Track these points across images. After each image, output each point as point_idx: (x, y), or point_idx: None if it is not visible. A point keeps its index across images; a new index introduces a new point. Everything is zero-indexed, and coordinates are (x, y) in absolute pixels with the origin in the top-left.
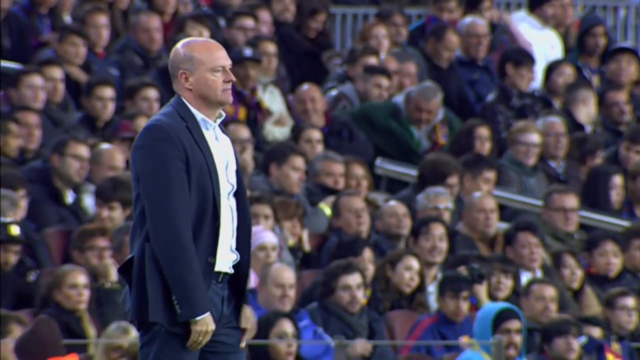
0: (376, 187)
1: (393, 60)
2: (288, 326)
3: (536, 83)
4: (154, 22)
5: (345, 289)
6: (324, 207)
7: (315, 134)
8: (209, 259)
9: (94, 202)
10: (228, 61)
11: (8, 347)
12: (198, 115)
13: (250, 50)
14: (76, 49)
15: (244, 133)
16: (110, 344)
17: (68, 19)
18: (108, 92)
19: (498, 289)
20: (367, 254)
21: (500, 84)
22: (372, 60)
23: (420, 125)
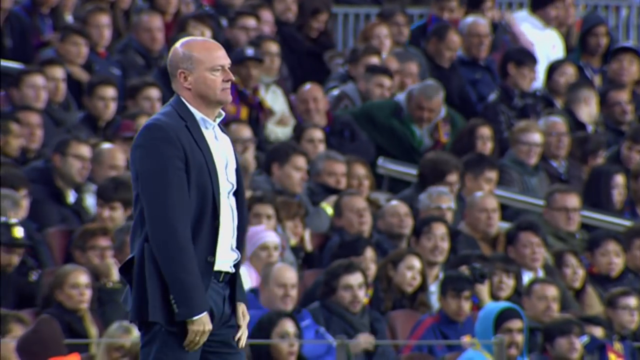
0: (378, 187)
1: (394, 60)
2: (290, 326)
3: (538, 83)
4: (156, 22)
5: (346, 288)
6: (326, 207)
7: (317, 133)
8: (208, 258)
9: (95, 202)
10: (227, 60)
11: (9, 347)
12: (197, 114)
13: (252, 49)
14: (78, 49)
15: (246, 133)
16: (112, 343)
17: (70, 18)
18: (110, 92)
19: (500, 289)
20: (369, 253)
21: (502, 83)
22: (374, 60)
23: (421, 123)
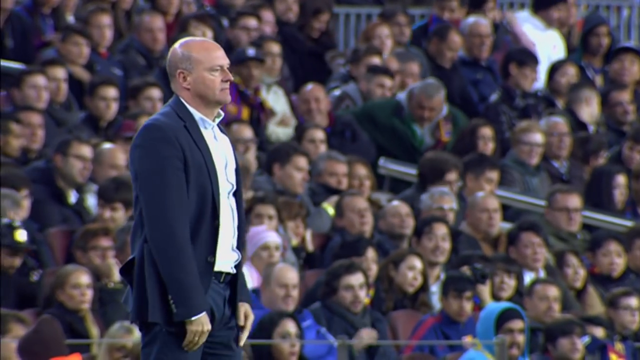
0: (379, 187)
1: (395, 60)
2: (291, 326)
3: (539, 83)
4: (157, 22)
5: (347, 288)
6: (327, 207)
7: (319, 134)
8: (208, 258)
9: (96, 202)
10: (226, 60)
11: (10, 347)
12: (196, 114)
13: (254, 50)
14: (79, 49)
15: (247, 133)
16: (113, 343)
17: (71, 19)
18: (111, 92)
19: (501, 289)
20: (370, 253)
21: (504, 84)
22: (376, 60)
23: (423, 122)
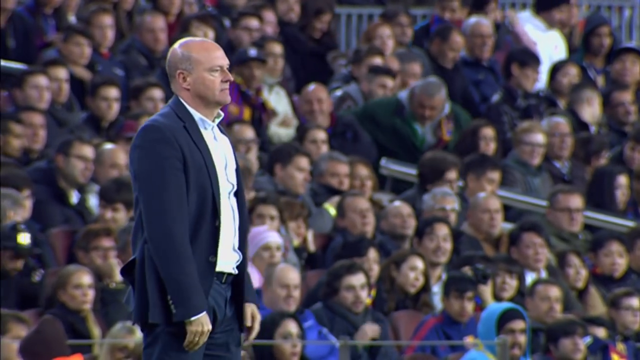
0: (381, 188)
1: (396, 61)
2: (293, 326)
3: (541, 83)
4: (159, 23)
5: (348, 289)
6: (329, 208)
7: (320, 134)
8: (209, 258)
9: (98, 203)
10: (226, 61)
11: (11, 347)
12: (196, 115)
13: (255, 50)
14: (81, 49)
15: (249, 133)
16: (115, 344)
17: (73, 19)
18: (113, 93)
19: (503, 290)
20: (372, 254)
21: (506, 84)
22: (377, 60)
23: (424, 121)
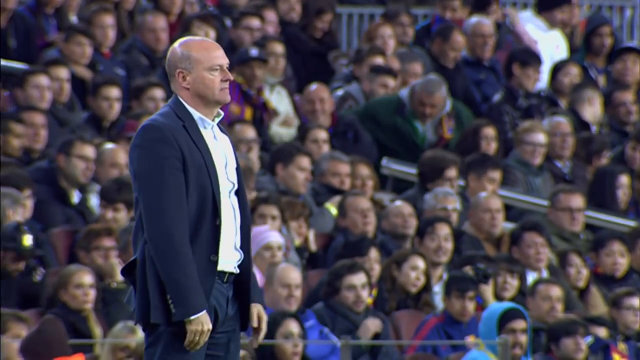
0: (382, 187)
1: (398, 61)
2: (294, 326)
3: (542, 83)
4: (160, 22)
5: (350, 288)
6: (330, 207)
7: (322, 134)
8: (211, 257)
9: (99, 203)
10: (225, 60)
11: (12, 347)
12: (195, 114)
13: (257, 50)
14: (82, 49)
15: (250, 133)
16: (117, 343)
17: (74, 19)
18: (114, 92)
19: (504, 289)
20: (373, 254)
21: (507, 84)
22: (378, 60)
23: (425, 119)
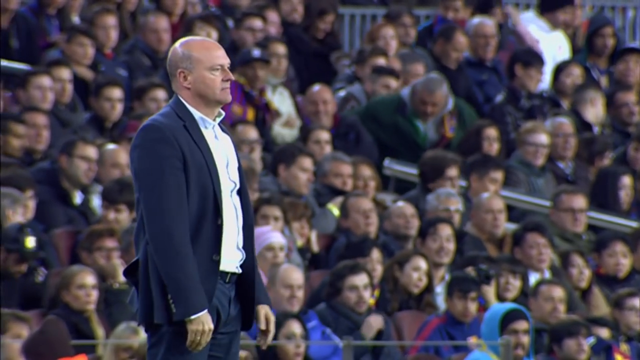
0: (384, 188)
1: (399, 61)
2: (296, 327)
3: (544, 84)
4: (162, 23)
5: (352, 289)
6: (332, 208)
7: (324, 135)
8: (213, 256)
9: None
10: (226, 60)
11: (13, 348)
12: (196, 114)
13: (259, 50)
14: (84, 50)
15: (253, 134)
16: (120, 344)
17: (76, 19)
18: (116, 93)
19: (506, 290)
20: (375, 254)
21: (509, 84)
22: (381, 61)
23: (426, 118)
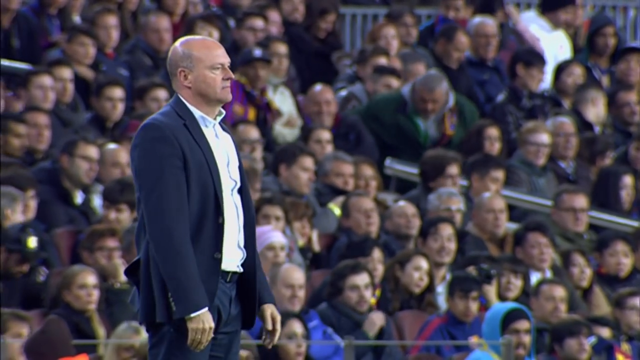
0: (386, 188)
1: (399, 62)
2: (297, 326)
3: (546, 83)
4: (164, 23)
5: (353, 289)
6: (334, 208)
7: (325, 134)
8: (215, 254)
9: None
10: (227, 59)
11: (13, 347)
12: (196, 112)
13: (260, 50)
14: (85, 50)
15: (254, 134)
16: (121, 343)
17: (77, 19)
18: (117, 93)
19: (508, 289)
20: (377, 254)
21: (511, 84)
22: (382, 60)
23: (427, 115)
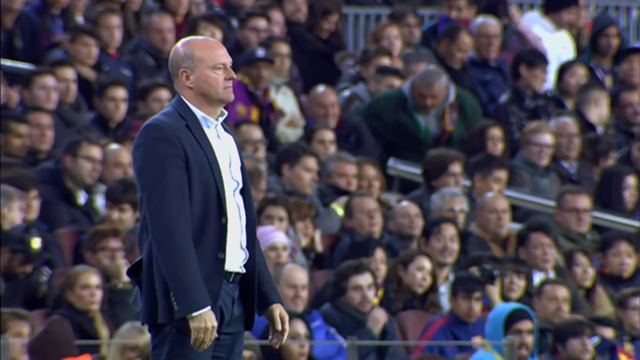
0: (389, 188)
1: (401, 62)
2: (300, 327)
3: (549, 84)
4: (166, 23)
5: (356, 289)
6: (337, 208)
7: (328, 134)
8: (218, 254)
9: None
10: (228, 59)
11: (14, 346)
12: (198, 113)
13: (263, 50)
14: (88, 50)
15: (257, 134)
16: (124, 344)
17: (80, 19)
18: (120, 93)
19: (511, 290)
20: (380, 254)
21: (514, 84)
22: (385, 61)
23: (426, 111)
